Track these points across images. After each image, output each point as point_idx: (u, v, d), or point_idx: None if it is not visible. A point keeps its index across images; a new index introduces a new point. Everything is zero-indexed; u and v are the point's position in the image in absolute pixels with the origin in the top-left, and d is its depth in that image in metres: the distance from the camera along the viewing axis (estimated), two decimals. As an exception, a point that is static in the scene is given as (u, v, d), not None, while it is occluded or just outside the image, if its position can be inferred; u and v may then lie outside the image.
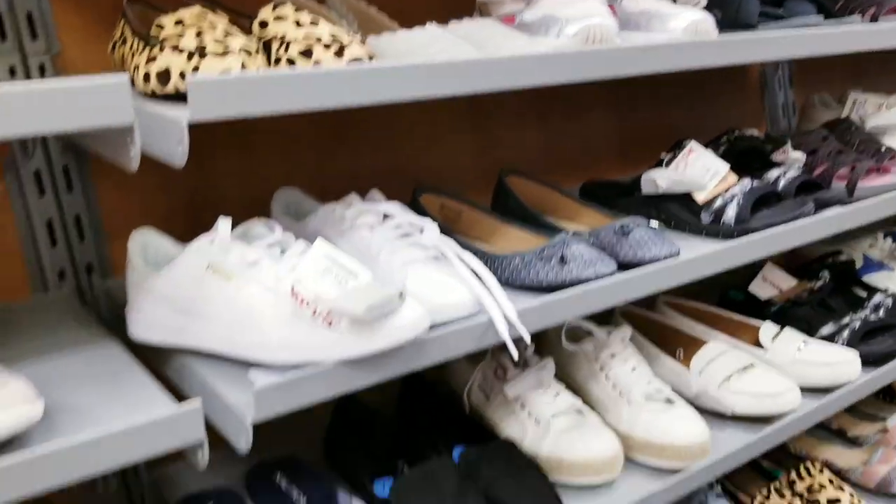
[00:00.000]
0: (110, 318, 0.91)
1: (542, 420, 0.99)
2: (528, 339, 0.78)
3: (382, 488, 0.94)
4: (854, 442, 1.44)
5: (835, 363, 1.13)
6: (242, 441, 0.68)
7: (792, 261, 1.54)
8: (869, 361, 1.19)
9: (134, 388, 0.70)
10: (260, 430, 0.67)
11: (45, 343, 0.80)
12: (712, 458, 0.98)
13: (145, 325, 0.78)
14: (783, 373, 1.12)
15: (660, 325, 1.26)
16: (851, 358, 1.14)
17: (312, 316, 0.69)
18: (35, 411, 0.60)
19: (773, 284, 1.34)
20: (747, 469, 1.33)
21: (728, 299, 1.41)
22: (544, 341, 1.18)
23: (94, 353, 0.78)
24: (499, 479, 0.91)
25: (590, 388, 1.09)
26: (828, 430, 1.48)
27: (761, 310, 1.31)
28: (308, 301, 0.69)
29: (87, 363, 0.76)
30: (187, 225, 0.95)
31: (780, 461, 1.39)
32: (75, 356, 0.77)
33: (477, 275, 0.81)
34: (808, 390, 1.13)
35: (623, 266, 0.91)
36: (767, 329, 1.20)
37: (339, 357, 0.69)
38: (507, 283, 0.88)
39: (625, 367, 1.06)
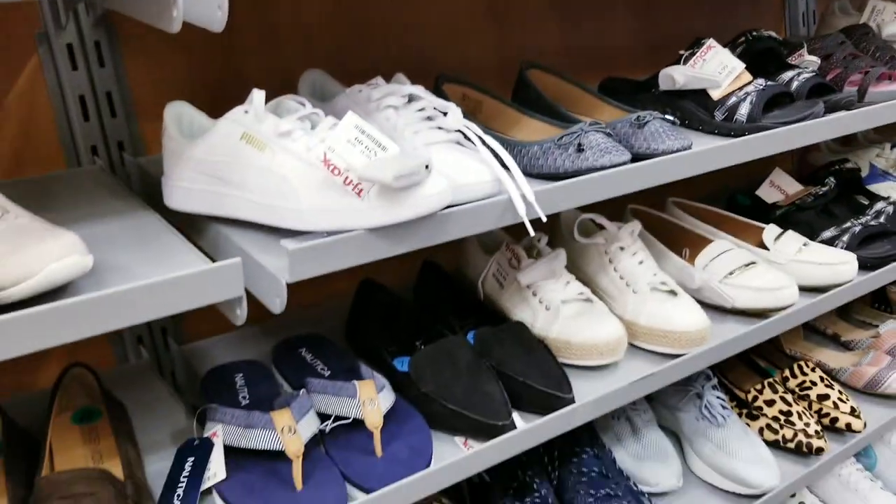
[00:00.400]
0: (142, 192, 0.94)
1: (552, 306, 1.03)
2: (544, 217, 0.81)
3: (402, 365, 0.99)
4: (847, 346, 1.49)
5: (833, 264, 1.17)
6: (277, 302, 0.72)
7: (800, 169, 1.56)
8: (866, 266, 1.23)
9: (173, 250, 0.73)
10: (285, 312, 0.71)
11: (83, 212, 0.82)
12: (709, 345, 1.03)
13: (181, 193, 0.81)
14: (783, 271, 1.16)
15: (668, 224, 1.29)
16: (849, 259, 1.18)
17: (343, 185, 0.72)
18: (86, 261, 0.63)
19: (779, 189, 1.36)
20: (744, 367, 1.39)
21: (735, 204, 1.44)
22: (557, 236, 1.21)
23: (131, 221, 0.81)
24: (510, 357, 0.96)
25: (598, 280, 1.13)
26: (822, 335, 1.53)
27: (767, 215, 1.34)
28: (339, 169, 0.72)
29: (125, 230, 0.78)
30: (214, 106, 0.97)
31: (775, 362, 1.44)
32: (113, 223, 0.80)
33: (497, 157, 0.83)
34: (806, 289, 1.17)
35: (637, 157, 0.93)
36: (771, 230, 1.23)
37: (368, 225, 0.72)
38: (526, 170, 0.90)
39: (632, 259, 1.10)
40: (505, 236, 1.19)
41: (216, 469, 0.80)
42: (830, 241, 1.26)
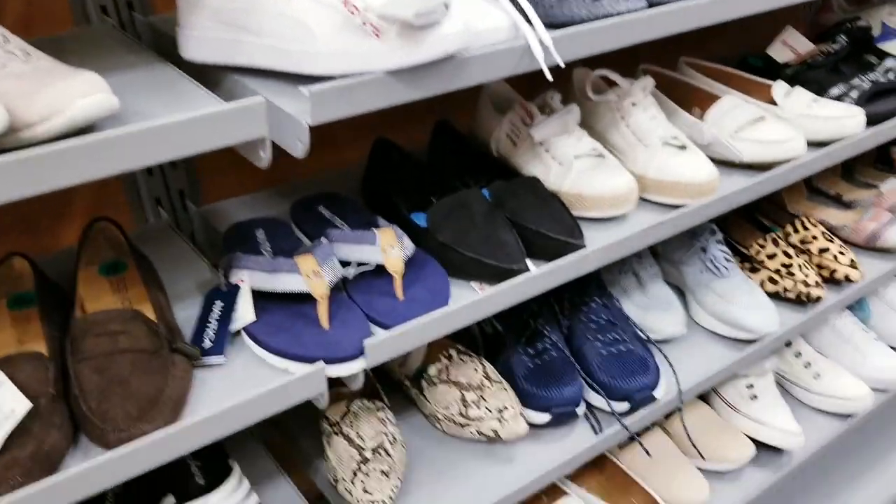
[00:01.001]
0: (155, 48, 0.92)
1: (564, 161, 1.03)
2: (561, 63, 0.80)
3: (418, 220, 1.00)
4: (848, 206, 1.50)
5: (840, 117, 1.16)
6: (300, 146, 0.72)
7: (812, 29, 1.52)
8: (874, 122, 1.22)
9: (192, 96, 0.72)
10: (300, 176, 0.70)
11: (97, 65, 0.81)
12: (716, 196, 1.03)
13: (196, 43, 0.79)
14: (791, 124, 1.15)
15: (680, 83, 1.27)
16: (856, 113, 1.16)
17: (362, 26, 0.70)
18: (113, 100, 0.62)
19: (791, 48, 1.33)
20: (748, 225, 1.40)
21: (747, 65, 1.41)
22: (570, 95, 1.19)
23: (148, 72, 0.79)
24: (524, 208, 0.96)
25: (610, 136, 1.12)
26: (825, 195, 1.54)
27: (778, 75, 1.31)
28: (357, 9, 0.70)
29: (142, 79, 0.77)
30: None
31: (778, 220, 1.46)
32: (130, 74, 0.79)
33: (516, 4, 0.81)
34: (813, 145, 1.17)
35: (653, 4, 0.91)
36: (780, 86, 1.21)
37: (387, 66, 0.71)
38: (542, 20, 0.88)
39: (644, 115, 1.09)
40: (517, 96, 1.18)
41: (244, 312, 0.82)
42: (839, 98, 1.24)
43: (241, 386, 0.77)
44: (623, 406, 1.04)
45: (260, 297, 0.84)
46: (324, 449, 0.98)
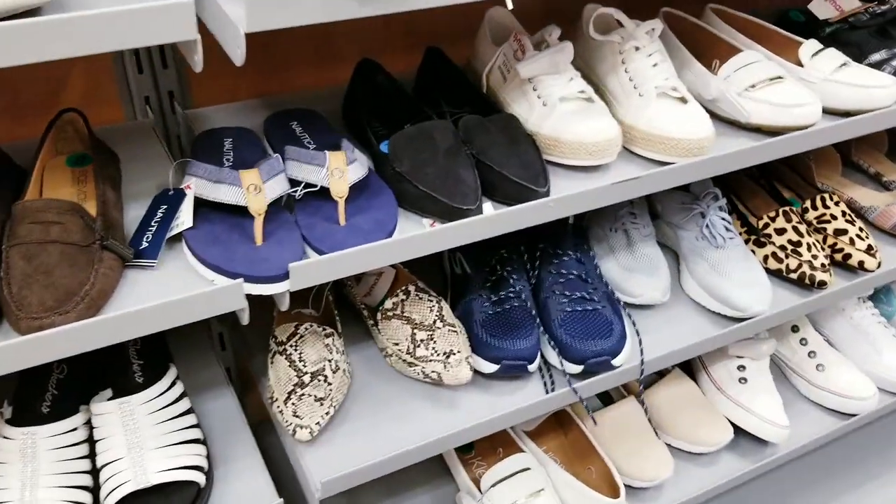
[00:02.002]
0: None
1: (549, 101, 1.04)
2: (510, 5, 0.80)
3: (386, 147, 1.02)
4: (887, 187, 1.46)
5: (868, 86, 1.12)
6: (238, 54, 0.75)
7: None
8: (914, 97, 1.18)
9: None
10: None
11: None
12: (706, 157, 1.02)
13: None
14: (814, 90, 1.13)
15: (702, 32, 1.25)
16: (888, 83, 1.13)
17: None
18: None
19: (834, 3, 1.29)
20: (765, 195, 1.38)
21: (787, 20, 1.37)
22: (577, 32, 1.19)
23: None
24: (492, 146, 0.98)
25: (608, 81, 1.12)
26: (864, 172, 1.50)
27: (817, 33, 1.28)
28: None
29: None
30: None
31: (802, 194, 1.43)
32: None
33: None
34: (838, 114, 1.14)
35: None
36: (809, 46, 1.18)
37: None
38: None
39: (646, 61, 1.08)
40: (517, 26, 1.18)
41: (185, 218, 0.87)
42: (878, 65, 1.20)
43: (164, 290, 0.82)
44: (576, 368, 1.06)
45: (207, 205, 0.89)
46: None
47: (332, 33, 1.25)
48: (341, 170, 0.90)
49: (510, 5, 0.80)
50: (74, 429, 0.94)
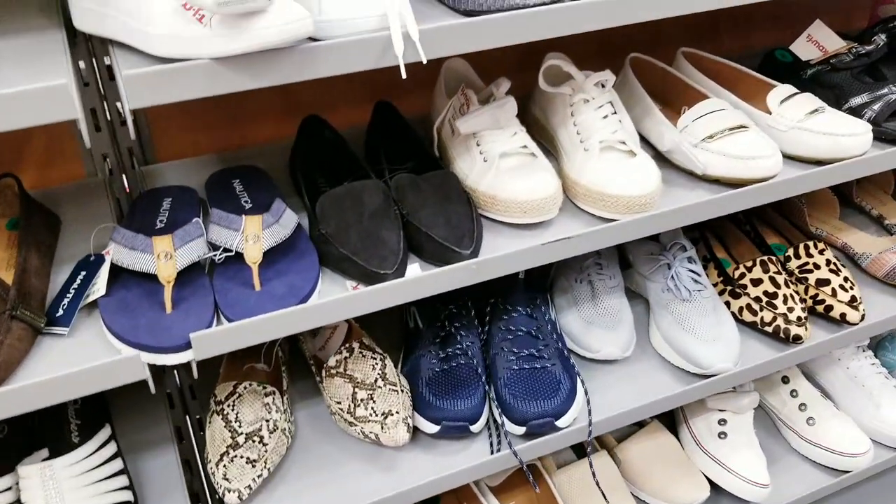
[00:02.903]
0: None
1: (490, 157, 1.01)
2: (424, 59, 0.78)
3: (323, 205, 1.01)
4: (889, 231, 1.37)
5: (838, 134, 1.05)
6: (129, 127, 0.75)
7: (871, 25, 1.38)
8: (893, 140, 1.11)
9: (50, 71, 0.76)
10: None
11: (6, 27, 0.87)
12: (654, 211, 0.97)
13: (80, 13, 0.82)
14: (776, 139, 1.07)
15: (672, 78, 1.20)
16: (861, 131, 1.05)
17: (185, 9, 0.71)
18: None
19: (817, 45, 1.22)
20: (748, 242, 1.32)
21: (773, 61, 1.31)
22: (533, 83, 1.16)
23: (40, 37, 0.84)
24: (421, 205, 0.95)
25: (559, 133, 1.08)
26: (866, 214, 1.42)
27: (801, 75, 1.21)
28: (178, -7, 0.71)
29: (29, 44, 0.82)
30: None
31: (791, 238, 1.36)
32: (21, 41, 0.84)
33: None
34: (809, 162, 1.07)
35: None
36: (779, 91, 1.12)
37: (209, 54, 0.72)
38: (456, 5, 0.85)
39: (595, 113, 1.04)
40: (475, 80, 1.16)
41: (100, 285, 0.87)
42: (858, 110, 1.13)
43: (70, 359, 0.82)
44: (519, 430, 1.02)
45: (128, 271, 0.89)
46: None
47: (294, 86, 1.25)
48: (256, 234, 0.89)
49: (404, 75, 0.78)
50: (8, 488, 0.95)
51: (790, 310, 1.16)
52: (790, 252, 1.26)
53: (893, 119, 1.11)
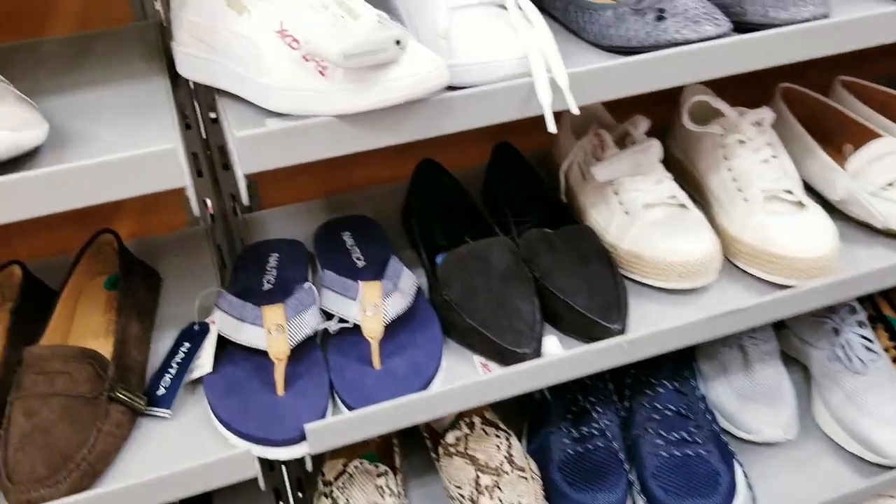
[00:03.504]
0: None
1: (632, 209, 0.89)
2: (575, 110, 0.67)
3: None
4: None
5: None
6: (242, 192, 0.67)
7: None
8: None
9: (155, 129, 0.69)
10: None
11: (96, 76, 0.81)
12: (837, 278, 0.84)
13: (185, 60, 0.75)
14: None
15: (832, 112, 1.06)
16: None
17: (305, 60, 0.63)
18: (19, 140, 0.61)
19: None
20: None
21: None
22: (675, 121, 1.03)
23: (139, 88, 0.77)
24: (558, 267, 0.84)
25: (709, 180, 0.96)
26: None
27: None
28: (298, 41, 0.63)
29: (127, 97, 0.75)
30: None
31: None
32: (118, 88, 0.77)
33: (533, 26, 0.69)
34: None
35: (746, 28, 0.74)
36: (972, 129, 0.96)
37: (331, 110, 0.63)
38: (596, 41, 0.75)
39: (753, 157, 0.91)
40: (605, 116, 1.04)
41: (205, 360, 0.79)
42: None
43: (173, 449, 0.74)
44: (672, 529, 0.89)
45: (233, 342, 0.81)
46: (314, 509, 0.94)
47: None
48: (376, 305, 0.79)
49: (553, 129, 0.67)
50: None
51: (985, 383, 0.99)
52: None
53: None
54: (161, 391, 0.78)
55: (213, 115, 1.00)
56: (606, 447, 0.94)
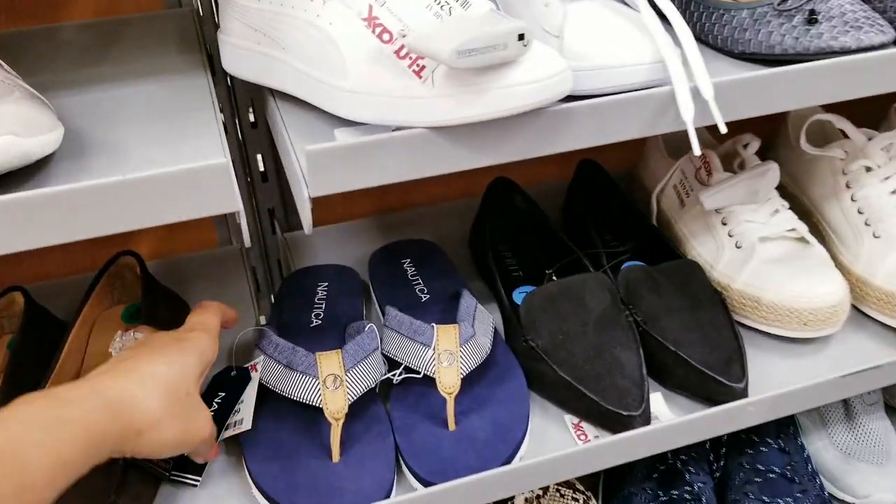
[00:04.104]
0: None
1: (745, 243, 0.76)
2: (723, 128, 0.54)
3: (521, 298, 0.78)
4: None
5: None
6: (305, 219, 0.53)
7: None
8: None
9: (197, 136, 0.56)
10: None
11: (130, 67, 0.67)
12: None
13: (231, 53, 0.62)
14: None
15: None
16: None
17: (397, 57, 0.49)
18: (25, 146, 0.48)
19: None
20: None
21: None
22: (781, 140, 0.90)
23: (178, 85, 0.64)
24: (665, 311, 0.71)
25: (826, 210, 0.82)
26: None
27: None
28: (391, 34, 0.49)
29: (164, 95, 0.62)
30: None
31: None
32: (154, 83, 0.64)
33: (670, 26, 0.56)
34: None
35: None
36: None
37: (427, 121, 0.49)
38: (726, 46, 0.62)
39: (881, 186, 0.78)
40: (701, 133, 0.90)
41: (245, 415, 0.65)
42: None
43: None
44: None
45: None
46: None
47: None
48: (453, 353, 0.65)
49: (697, 151, 0.53)
50: None
51: None
52: None
53: None
54: (190, 451, 0.65)
55: (252, 122, 0.86)
56: (700, 515, 0.80)
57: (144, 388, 0.51)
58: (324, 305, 0.79)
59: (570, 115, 0.52)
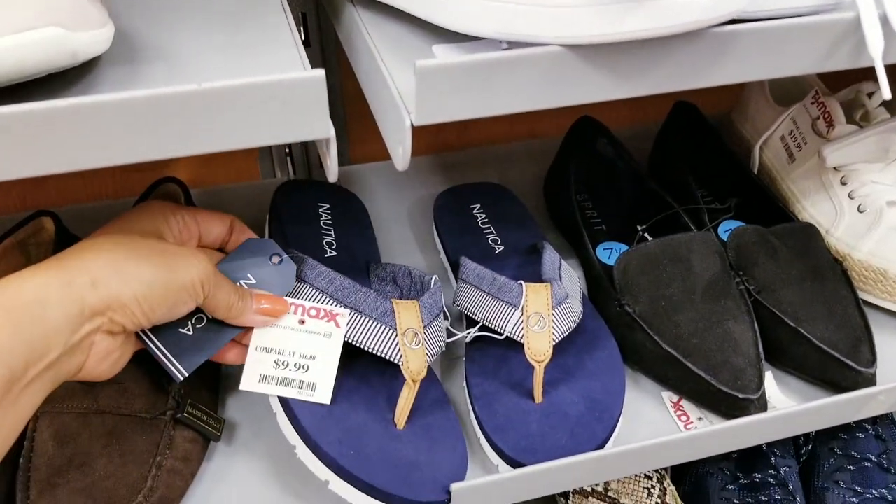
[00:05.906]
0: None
1: (870, 207, 0.66)
2: (922, 67, 0.44)
3: (608, 256, 0.69)
4: None
5: None
6: (399, 154, 0.44)
7: None
8: None
9: (265, 41, 0.45)
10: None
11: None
12: None
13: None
14: None
15: None
16: None
17: (534, -45, 0.39)
18: (72, 41, 0.37)
19: None
20: None
21: None
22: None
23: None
24: (780, 280, 0.61)
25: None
26: None
27: None
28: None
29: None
30: None
31: None
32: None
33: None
34: None
35: None
36: None
37: (568, 37, 0.39)
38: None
39: None
40: (816, 82, 0.79)
41: (319, 377, 0.55)
42: None
43: (255, 497, 0.52)
44: None
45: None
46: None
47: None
48: (544, 316, 0.56)
49: (887, 94, 0.43)
50: None
51: None
52: None
53: None
54: (242, 408, 0.56)
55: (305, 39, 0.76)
56: (783, 500, 0.72)
57: (93, 247, 0.43)
58: (333, 233, 0.69)
59: (735, 39, 0.42)
